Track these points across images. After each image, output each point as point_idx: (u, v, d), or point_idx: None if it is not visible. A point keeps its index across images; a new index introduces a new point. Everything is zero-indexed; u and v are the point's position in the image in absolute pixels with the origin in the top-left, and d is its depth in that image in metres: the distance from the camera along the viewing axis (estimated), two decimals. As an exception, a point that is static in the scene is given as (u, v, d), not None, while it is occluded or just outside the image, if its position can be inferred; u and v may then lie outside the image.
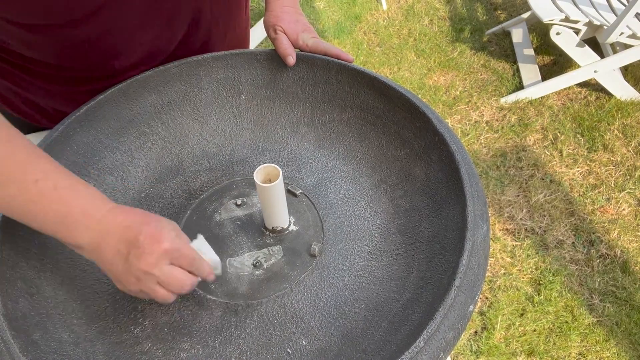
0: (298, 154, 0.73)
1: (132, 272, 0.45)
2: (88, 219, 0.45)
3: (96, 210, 0.45)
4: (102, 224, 0.45)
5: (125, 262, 0.45)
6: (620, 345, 1.30)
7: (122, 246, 0.45)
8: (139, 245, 0.44)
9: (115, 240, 0.45)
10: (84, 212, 0.45)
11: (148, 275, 0.45)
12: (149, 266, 0.44)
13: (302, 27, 0.72)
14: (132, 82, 0.67)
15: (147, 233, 0.44)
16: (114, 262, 0.45)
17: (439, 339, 0.44)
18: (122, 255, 0.45)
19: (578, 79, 1.97)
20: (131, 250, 0.44)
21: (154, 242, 0.44)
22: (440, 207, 0.58)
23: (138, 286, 0.46)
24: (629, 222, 1.58)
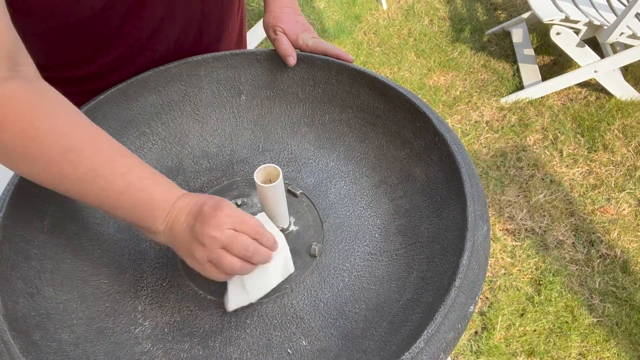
0: (298, 154, 0.73)
1: (198, 239, 0.47)
2: (167, 203, 0.49)
3: (173, 195, 0.50)
4: (176, 204, 0.49)
5: (192, 232, 0.48)
6: (621, 345, 1.30)
7: (189, 219, 0.48)
8: (204, 214, 0.47)
9: (184, 217, 0.48)
10: (165, 199, 0.49)
11: (212, 239, 0.47)
12: (213, 229, 0.46)
13: (302, 27, 0.72)
14: (132, 82, 0.67)
15: (210, 203, 0.48)
16: (184, 234, 0.48)
17: (439, 340, 0.44)
18: (190, 226, 0.48)
19: (578, 79, 1.97)
20: (197, 221, 0.47)
21: (216, 209, 0.47)
22: (441, 208, 0.58)
23: (205, 253, 0.47)
24: (629, 222, 1.58)
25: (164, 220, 0.49)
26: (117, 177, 0.47)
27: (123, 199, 0.48)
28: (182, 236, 0.48)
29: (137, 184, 0.48)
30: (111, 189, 0.47)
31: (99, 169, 0.47)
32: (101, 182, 0.47)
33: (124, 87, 0.66)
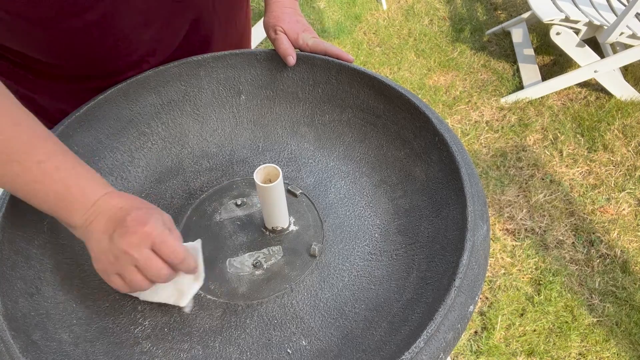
0: (298, 154, 0.73)
1: (112, 250, 0.45)
2: (85, 200, 0.46)
3: (94, 193, 0.47)
4: (97, 205, 0.47)
5: (109, 240, 0.45)
6: (620, 345, 1.30)
7: (110, 224, 0.46)
8: (125, 225, 0.45)
9: (105, 220, 0.46)
10: (83, 194, 0.46)
11: (127, 256, 0.45)
12: (130, 246, 0.45)
13: (302, 27, 0.72)
14: (132, 82, 0.67)
15: (135, 215, 0.46)
16: (100, 239, 0.46)
17: (439, 339, 0.44)
18: (108, 233, 0.46)
19: (578, 79, 1.97)
20: (116, 229, 0.45)
21: (140, 224, 0.45)
22: (440, 207, 0.58)
23: (115, 267, 0.46)
24: (629, 222, 1.58)
25: (81, 216, 0.46)
26: (33, 164, 0.45)
27: (37, 188, 0.46)
28: (97, 240, 0.46)
29: (54, 174, 0.46)
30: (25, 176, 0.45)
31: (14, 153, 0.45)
32: (15, 168, 0.45)
33: (124, 87, 0.66)
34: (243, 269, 0.59)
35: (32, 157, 0.45)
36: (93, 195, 0.47)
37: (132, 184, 0.67)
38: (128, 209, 0.46)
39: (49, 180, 0.46)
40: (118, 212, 0.46)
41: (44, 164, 0.46)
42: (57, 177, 0.46)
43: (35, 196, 0.47)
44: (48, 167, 0.46)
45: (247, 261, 0.60)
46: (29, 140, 0.46)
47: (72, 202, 0.46)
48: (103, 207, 0.47)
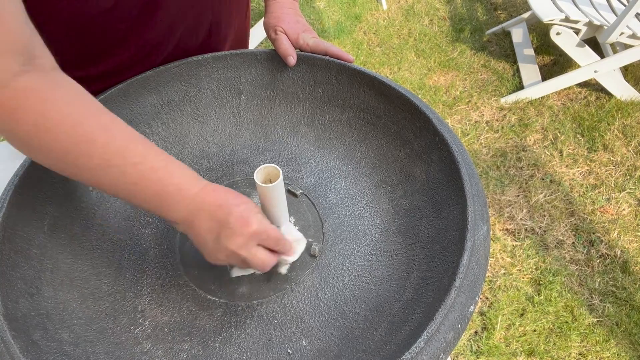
0: (298, 154, 0.73)
1: (222, 251, 0.49)
2: (183, 197, 0.48)
3: (190, 188, 0.49)
4: (195, 201, 0.48)
5: (216, 241, 0.48)
6: (621, 345, 1.30)
7: (213, 224, 0.48)
8: (230, 227, 0.48)
9: (207, 218, 0.48)
10: (179, 191, 0.48)
11: (236, 255, 0.49)
12: (238, 247, 0.48)
13: (303, 28, 0.72)
14: (132, 82, 0.67)
15: (237, 215, 0.48)
16: (206, 239, 0.49)
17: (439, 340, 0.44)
18: (214, 233, 0.48)
19: (578, 79, 1.97)
20: (222, 231, 0.48)
21: (244, 224, 0.48)
22: (441, 208, 0.58)
23: (226, 261, 0.51)
24: (629, 222, 1.58)
25: (181, 213, 0.49)
26: (129, 167, 0.47)
27: (137, 189, 0.48)
28: (204, 239, 0.49)
29: (151, 174, 0.48)
30: (125, 179, 0.47)
31: (112, 159, 0.46)
32: (114, 173, 0.47)
33: (124, 87, 0.66)
34: (243, 269, 0.59)
35: (129, 160, 0.47)
36: (189, 192, 0.49)
37: (132, 184, 0.67)
38: (227, 208, 0.48)
39: (146, 181, 0.47)
40: (218, 211, 0.48)
41: (140, 165, 0.47)
42: (154, 178, 0.48)
43: (135, 197, 0.48)
44: (144, 169, 0.47)
45: (247, 261, 0.60)
46: (122, 144, 0.47)
47: (171, 200, 0.48)
48: (202, 204, 0.49)
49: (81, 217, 0.61)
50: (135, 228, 0.64)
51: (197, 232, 0.49)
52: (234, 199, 0.50)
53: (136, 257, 0.61)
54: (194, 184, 0.49)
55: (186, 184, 0.49)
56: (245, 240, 0.48)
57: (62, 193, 0.59)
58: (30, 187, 0.55)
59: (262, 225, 0.49)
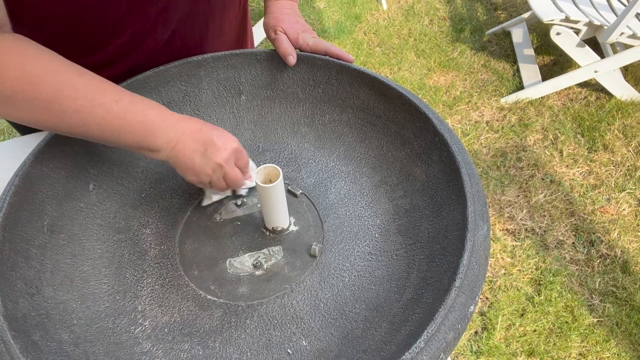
0: (298, 154, 0.73)
1: (209, 165, 0.55)
2: (166, 123, 0.54)
3: (170, 116, 0.54)
4: (178, 125, 0.54)
5: (203, 157, 0.55)
6: (621, 345, 1.30)
7: (198, 145, 0.54)
8: (215, 144, 0.55)
9: (191, 140, 0.54)
10: (162, 118, 0.54)
11: (220, 168, 0.56)
12: (224, 160, 0.56)
13: (302, 28, 0.72)
14: (132, 82, 0.67)
15: (219, 134, 0.56)
16: (193, 157, 0.55)
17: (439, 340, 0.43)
18: (199, 151, 0.55)
19: (578, 79, 1.97)
20: (208, 148, 0.55)
21: (227, 141, 0.56)
22: (441, 208, 0.58)
23: (210, 177, 0.57)
24: (629, 222, 1.58)
25: (165, 139, 0.53)
26: (112, 104, 0.51)
27: (122, 123, 0.51)
28: (189, 158, 0.55)
29: (132, 107, 0.52)
30: (110, 115, 0.51)
31: (94, 98, 0.50)
32: (99, 111, 0.50)
33: (124, 87, 0.66)
34: (243, 269, 0.59)
35: (110, 98, 0.51)
36: (171, 118, 0.54)
37: (132, 184, 0.67)
38: (209, 130, 0.55)
39: (130, 114, 0.52)
40: (200, 133, 0.55)
41: (121, 101, 0.51)
42: (136, 110, 0.52)
43: (121, 131, 0.52)
44: (125, 104, 0.51)
45: (247, 261, 0.60)
46: (99, 85, 0.51)
47: (155, 127, 0.53)
48: (184, 129, 0.54)
49: (81, 217, 0.61)
50: (135, 228, 0.64)
51: (183, 154, 0.54)
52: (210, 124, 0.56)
53: (136, 257, 0.61)
54: (171, 113, 0.55)
55: (165, 112, 0.54)
56: (229, 154, 0.56)
57: (62, 193, 0.59)
58: (30, 187, 0.55)
59: (239, 146, 0.57)
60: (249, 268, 0.59)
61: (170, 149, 0.54)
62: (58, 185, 0.59)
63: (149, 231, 0.64)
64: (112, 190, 0.65)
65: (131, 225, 0.64)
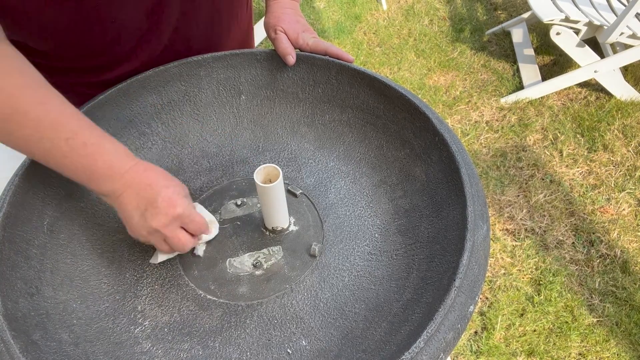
0: (298, 154, 0.73)
1: (145, 227, 0.52)
2: (113, 173, 0.51)
3: (121, 166, 0.51)
4: (124, 178, 0.51)
5: (141, 217, 0.51)
6: (620, 345, 1.30)
7: (141, 202, 0.51)
8: (157, 206, 0.51)
9: (135, 195, 0.51)
10: (110, 167, 0.51)
11: (158, 233, 0.52)
12: (161, 226, 0.51)
13: (303, 27, 0.72)
14: (132, 82, 0.67)
15: (165, 196, 0.51)
16: (132, 214, 0.52)
17: (439, 340, 0.44)
18: (140, 210, 0.51)
19: (578, 79, 1.97)
20: (148, 209, 0.51)
21: (170, 206, 0.51)
22: (441, 208, 0.58)
23: (147, 238, 0.53)
24: (629, 222, 1.58)
25: (109, 187, 0.51)
26: (60, 141, 0.49)
27: (67, 162, 0.50)
28: (129, 214, 0.52)
29: (81, 149, 0.50)
30: (56, 152, 0.49)
31: (44, 131, 0.49)
32: (46, 145, 0.49)
33: (124, 87, 0.66)
34: (243, 269, 0.59)
35: (60, 135, 0.49)
36: (120, 169, 0.51)
37: (132, 184, 0.67)
38: (157, 188, 0.51)
39: (76, 155, 0.50)
40: (147, 190, 0.51)
41: (72, 140, 0.49)
42: (85, 153, 0.50)
43: (66, 169, 0.51)
44: (76, 144, 0.49)
45: (247, 261, 0.60)
46: (56, 118, 0.49)
47: (100, 175, 0.51)
48: (131, 182, 0.51)
49: (81, 217, 0.61)
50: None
51: (124, 208, 0.52)
52: (164, 180, 0.52)
53: (136, 257, 0.61)
54: (125, 161, 0.52)
55: (117, 161, 0.51)
56: (169, 221, 0.51)
57: (62, 193, 0.59)
58: (30, 187, 0.55)
59: (187, 210, 0.52)
60: (249, 268, 0.59)
61: (114, 198, 0.52)
62: (58, 185, 0.59)
63: (148, 231, 0.64)
64: (112, 190, 0.65)
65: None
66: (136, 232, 0.53)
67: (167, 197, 0.51)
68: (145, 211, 0.51)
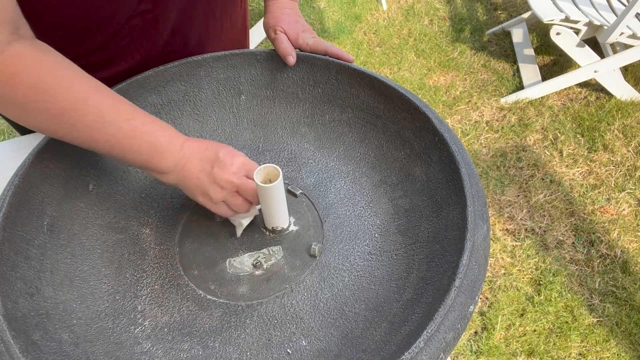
0: (298, 154, 0.73)
1: (217, 182, 0.54)
2: (174, 145, 0.53)
3: (178, 138, 0.54)
4: (184, 148, 0.54)
5: (210, 175, 0.54)
6: (621, 345, 1.30)
7: (205, 164, 0.54)
8: (221, 160, 0.54)
9: (198, 160, 0.54)
10: (170, 140, 0.54)
11: (230, 183, 0.54)
12: (232, 175, 0.54)
13: (302, 27, 0.72)
14: (132, 82, 0.67)
15: (225, 150, 0.54)
16: (200, 176, 0.54)
17: (439, 340, 0.43)
18: (206, 170, 0.54)
19: (578, 79, 1.97)
20: (214, 165, 0.54)
21: (233, 156, 0.54)
22: (441, 207, 0.58)
23: (222, 194, 0.55)
24: (629, 222, 1.58)
25: (172, 161, 0.53)
26: (122, 122, 0.51)
27: (131, 143, 0.52)
28: (196, 178, 0.54)
29: (142, 127, 0.52)
30: (119, 133, 0.51)
31: (106, 115, 0.50)
32: (109, 128, 0.51)
33: (124, 87, 0.66)
34: (243, 269, 0.59)
35: (121, 117, 0.51)
36: (178, 140, 0.54)
37: (132, 184, 0.67)
38: (214, 148, 0.54)
39: (139, 134, 0.52)
40: (207, 152, 0.54)
41: (132, 120, 0.52)
42: (146, 130, 0.52)
43: (130, 150, 0.52)
44: (136, 123, 0.52)
45: (247, 261, 0.60)
46: (113, 102, 0.51)
47: (163, 149, 0.53)
48: (192, 149, 0.54)
49: (81, 217, 0.61)
50: (135, 228, 0.64)
51: (190, 175, 0.54)
52: (216, 143, 0.56)
53: (136, 257, 0.61)
54: (179, 135, 0.55)
55: (174, 135, 0.54)
56: (236, 168, 0.54)
57: (62, 193, 0.59)
58: (30, 187, 0.55)
59: (247, 159, 0.55)
60: (249, 268, 0.59)
61: (178, 171, 0.54)
62: (58, 185, 0.59)
63: (148, 231, 0.64)
64: (112, 190, 0.65)
65: (131, 225, 0.64)
66: (209, 193, 0.54)
67: (226, 151, 0.54)
68: (213, 168, 0.53)
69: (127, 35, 0.65)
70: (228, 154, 0.54)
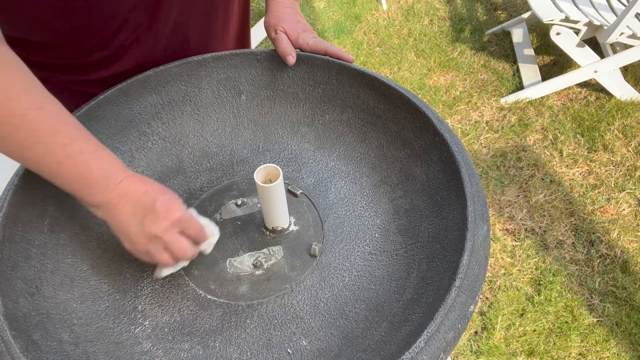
0: (298, 154, 0.73)
1: (145, 234, 0.50)
2: (108, 182, 0.50)
3: (116, 175, 0.50)
4: (120, 186, 0.50)
5: (140, 224, 0.50)
6: (620, 345, 1.30)
7: (138, 210, 0.50)
8: (155, 212, 0.49)
9: (131, 204, 0.50)
10: (105, 176, 0.50)
11: (158, 239, 0.50)
12: (162, 231, 0.50)
13: (303, 27, 0.72)
14: (132, 81, 0.67)
15: (163, 201, 0.50)
16: (129, 223, 0.50)
17: (439, 339, 0.44)
18: (137, 218, 0.50)
19: (578, 79, 1.97)
20: (147, 215, 0.49)
21: (169, 210, 0.50)
22: (441, 208, 0.58)
23: (146, 247, 0.51)
24: (629, 222, 1.58)
25: (102, 198, 0.50)
26: (57, 146, 0.48)
27: (61, 169, 0.49)
28: (127, 223, 0.50)
29: (77, 156, 0.49)
30: (50, 157, 0.48)
31: (40, 136, 0.47)
32: (41, 150, 0.48)
33: (124, 87, 0.66)
34: (243, 269, 0.59)
35: (57, 140, 0.48)
36: (115, 178, 0.50)
37: (132, 184, 0.67)
38: (154, 195, 0.50)
39: (72, 162, 0.49)
40: (144, 197, 0.50)
41: (68, 146, 0.48)
42: (81, 160, 0.49)
43: (59, 177, 0.49)
44: (72, 150, 0.49)
45: (247, 261, 0.60)
46: (53, 123, 0.48)
47: (94, 183, 0.49)
48: (127, 190, 0.50)
49: (81, 217, 0.61)
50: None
51: (120, 217, 0.50)
52: (159, 187, 0.52)
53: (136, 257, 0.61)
54: (121, 171, 0.51)
55: (113, 170, 0.51)
56: (169, 225, 0.50)
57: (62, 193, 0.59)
58: (30, 187, 0.55)
59: (186, 214, 0.51)
60: (249, 268, 0.59)
61: (107, 210, 0.50)
62: (58, 185, 0.59)
63: (149, 231, 0.64)
64: (112, 190, 0.65)
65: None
66: (134, 242, 0.51)
67: (165, 202, 0.50)
68: (144, 217, 0.49)
69: (129, 33, 0.65)
70: (165, 206, 0.50)
